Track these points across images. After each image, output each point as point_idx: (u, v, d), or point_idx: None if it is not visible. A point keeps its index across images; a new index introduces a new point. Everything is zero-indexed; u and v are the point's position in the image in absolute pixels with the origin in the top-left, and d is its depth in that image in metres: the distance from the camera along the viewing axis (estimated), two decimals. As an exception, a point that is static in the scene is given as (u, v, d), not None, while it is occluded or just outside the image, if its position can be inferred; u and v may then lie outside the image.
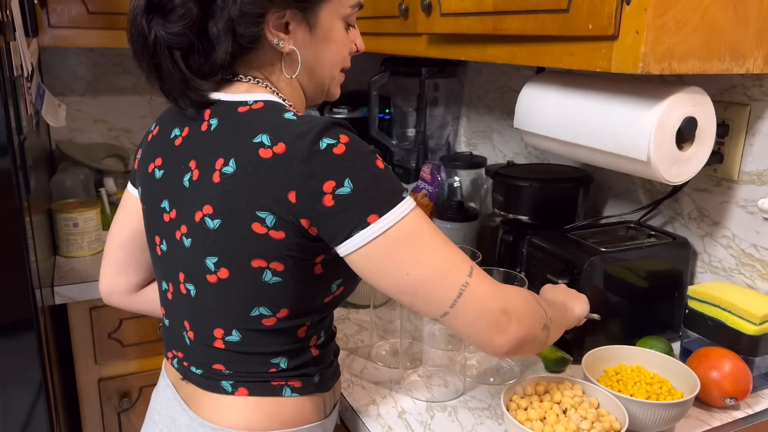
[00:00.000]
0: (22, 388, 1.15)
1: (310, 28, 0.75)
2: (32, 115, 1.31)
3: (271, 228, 0.68)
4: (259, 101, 0.73)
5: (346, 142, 0.67)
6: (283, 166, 0.66)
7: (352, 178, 0.65)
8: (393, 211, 0.66)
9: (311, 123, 0.68)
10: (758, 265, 1.05)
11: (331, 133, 0.67)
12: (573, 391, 0.87)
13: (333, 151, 0.65)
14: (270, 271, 0.70)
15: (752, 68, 0.85)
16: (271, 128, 0.68)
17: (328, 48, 0.78)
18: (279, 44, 0.74)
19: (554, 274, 1.04)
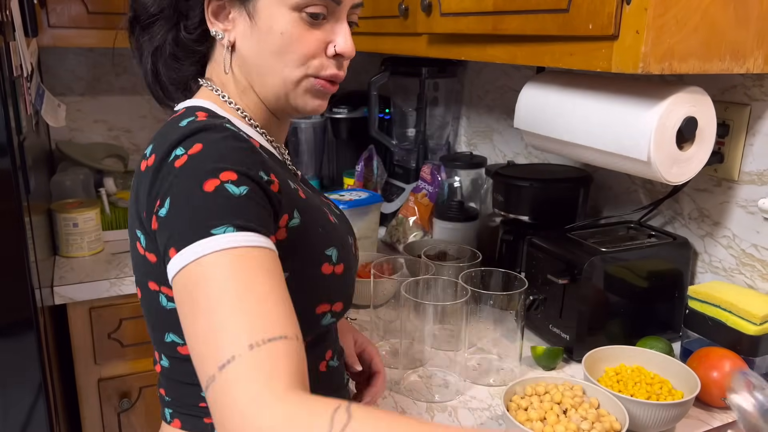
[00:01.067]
0: (22, 389, 1.15)
1: (249, 17, 0.67)
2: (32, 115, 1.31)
3: (145, 249, 0.64)
4: (185, 107, 0.69)
5: (194, 153, 0.58)
6: (147, 180, 0.61)
7: (171, 198, 0.57)
8: (188, 250, 0.53)
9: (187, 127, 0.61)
10: (758, 265, 1.05)
11: (190, 140, 0.59)
12: (573, 392, 0.87)
13: (174, 164, 0.58)
14: (164, 295, 0.64)
15: (752, 68, 0.85)
16: (158, 137, 0.64)
17: (270, 41, 0.67)
18: (217, 34, 0.68)
19: (554, 274, 1.04)
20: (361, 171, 1.79)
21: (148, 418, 1.50)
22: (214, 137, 0.60)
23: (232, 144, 0.60)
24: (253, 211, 0.57)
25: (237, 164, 0.58)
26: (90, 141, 1.84)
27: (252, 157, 0.60)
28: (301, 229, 0.66)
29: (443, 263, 1.26)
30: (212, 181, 0.56)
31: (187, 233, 0.54)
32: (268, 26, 0.66)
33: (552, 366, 1.04)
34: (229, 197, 0.56)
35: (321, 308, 0.70)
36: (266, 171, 0.61)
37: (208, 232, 0.53)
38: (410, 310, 0.98)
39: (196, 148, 0.58)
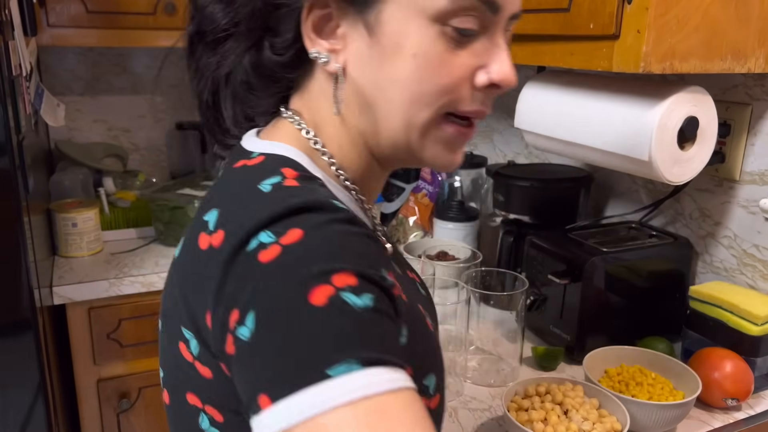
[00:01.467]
0: (21, 389, 1.15)
1: (368, 32, 0.47)
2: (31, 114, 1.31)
3: (196, 358, 0.46)
4: (264, 154, 0.49)
5: (290, 243, 0.39)
6: (210, 268, 0.43)
7: (259, 313, 0.38)
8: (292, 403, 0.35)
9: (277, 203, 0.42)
10: (760, 266, 1.05)
11: (283, 224, 0.40)
12: (574, 392, 0.86)
13: (258, 257, 0.39)
14: (206, 416, 0.47)
15: (754, 68, 0.85)
16: (228, 202, 0.46)
17: (397, 67, 0.47)
18: (319, 57, 0.48)
19: (555, 274, 1.04)
20: (361, 171, 1.79)
21: (147, 418, 1.50)
22: (322, 219, 0.41)
23: (344, 229, 0.41)
24: (383, 331, 0.39)
25: (355, 261, 0.39)
26: (89, 141, 1.84)
27: (372, 249, 0.42)
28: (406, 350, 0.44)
29: (443, 263, 1.25)
30: (323, 289, 0.37)
31: (288, 374, 0.35)
32: (396, 44, 0.46)
33: (552, 366, 1.03)
34: (350, 313, 0.37)
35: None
36: (386, 267, 0.43)
37: (322, 373, 0.35)
38: (410, 310, 0.98)
39: (293, 235, 0.40)
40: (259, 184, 0.45)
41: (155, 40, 1.53)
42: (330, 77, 0.50)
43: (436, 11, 0.45)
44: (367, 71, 0.48)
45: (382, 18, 0.46)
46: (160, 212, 1.54)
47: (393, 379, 0.36)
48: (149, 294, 1.40)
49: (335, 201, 0.44)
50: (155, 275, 1.39)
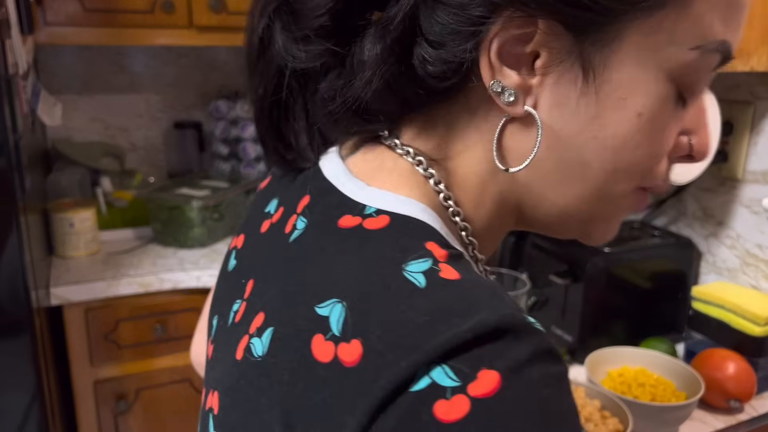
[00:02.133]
0: (17, 391, 1.14)
1: (584, 75, 0.34)
2: (28, 113, 1.30)
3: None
4: (387, 213, 0.35)
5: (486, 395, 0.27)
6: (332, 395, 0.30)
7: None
8: None
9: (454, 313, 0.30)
10: (762, 266, 1.04)
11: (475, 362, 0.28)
12: (576, 393, 0.86)
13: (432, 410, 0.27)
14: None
15: (757, 66, 0.84)
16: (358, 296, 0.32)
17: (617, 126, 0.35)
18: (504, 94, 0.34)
19: (557, 275, 1.03)
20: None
21: (145, 420, 1.49)
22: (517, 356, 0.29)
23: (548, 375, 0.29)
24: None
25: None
26: (86, 140, 1.83)
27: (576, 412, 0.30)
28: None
29: (444, 263, 1.25)
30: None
31: None
32: (619, 97, 0.34)
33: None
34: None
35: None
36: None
37: None
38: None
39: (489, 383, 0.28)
40: (403, 268, 0.32)
41: (153, 38, 1.52)
42: (497, 119, 0.36)
43: (676, 65, 0.34)
44: (569, 124, 0.35)
45: (612, 61, 0.33)
46: (157, 212, 1.54)
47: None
48: (147, 295, 1.39)
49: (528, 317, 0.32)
50: (153, 276, 1.38)
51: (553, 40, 0.33)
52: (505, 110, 0.35)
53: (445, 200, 0.38)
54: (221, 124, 1.80)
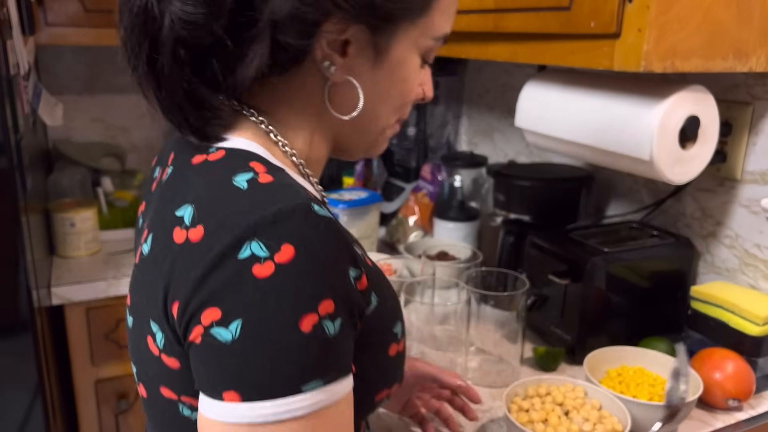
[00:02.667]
0: (19, 390, 1.14)
1: (375, 56, 0.55)
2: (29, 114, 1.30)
3: (162, 350, 0.50)
4: (223, 149, 0.52)
5: (284, 262, 0.43)
6: (186, 262, 0.46)
7: (248, 323, 0.43)
8: (262, 406, 0.43)
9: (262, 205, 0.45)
10: (761, 266, 1.05)
11: (273, 234, 0.44)
12: (575, 393, 0.86)
13: (252, 270, 0.43)
14: (185, 405, 0.52)
15: (755, 67, 0.84)
16: (201, 198, 0.48)
17: (393, 85, 0.57)
18: (330, 69, 0.53)
19: (556, 274, 1.04)
20: (361, 170, 1.78)
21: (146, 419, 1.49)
22: (307, 234, 0.45)
23: (329, 244, 0.46)
24: (345, 348, 0.47)
25: (335, 283, 0.46)
26: (87, 140, 1.83)
27: (346, 255, 0.48)
28: (375, 313, 0.54)
29: (443, 263, 1.25)
30: (310, 318, 0.43)
31: (268, 384, 0.43)
32: (394, 68, 0.56)
33: (553, 367, 1.03)
34: (326, 341, 0.44)
35: (381, 395, 0.59)
36: (356, 264, 0.49)
37: (297, 388, 0.43)
38: (410, 310, 0.97)
39: (287, 254, 0.43)
40: (232, 179, 0.48)
41: (154, 39, 1.52)
42: (321, 83, 0.55)
43: (424, 48, 0.58)
44: (366, 84, 0.56)
45: (392, 46, 0.55)
46: (158, 212, 1.54)
47: (341, 389, 0.46)
48: (148, 294, 1.39)
49: (314, 204, 0.47)
50: (154, 275, 1.39)
51: (359, 35, 0.53)
52: (331, 78, 0.54)
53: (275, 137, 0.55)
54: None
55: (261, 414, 0.43)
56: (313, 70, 0.54)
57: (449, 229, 1.45)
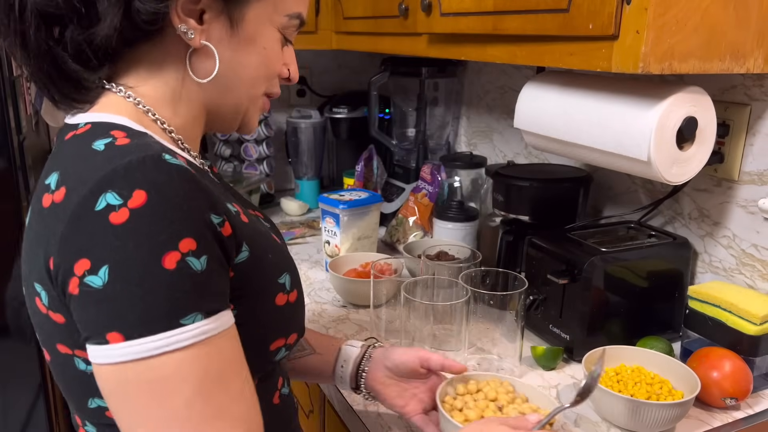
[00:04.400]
0: (22, 389, 1.15)
1: (231, 24, 0.59)
2: (32, 115, 1.31)
3: (48, 308, 0.54)
4: (90, 123, 0.56)
5: (137, 207, 0.47)
6: (53, 221, 0.50)
7: (114, 267, 0.46)
8: (145, 341, 0.46)
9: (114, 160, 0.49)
10: (759, 265, 1.05)
11: (125, 184, 0.47)
12: (504, 387, 0.84)
13: (109, 218, 0.47)
14: (80, 359, 0.55)
15: (753, 68, 0.85)
16: (65, 164, 0.53)
17: (252, 54, 0.62)
18: (187, 33, 0.57)
19: (554, 274, 1.04)
20: (361, 171, 1.79)
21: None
22: (158, 179, 0.48)
23: (182, 188, 0.49)
24: (216, 282, 0.51)
25: (193, 224, 0.49)
26: (90, 141, 1.84)
27: (203, 201, 0.51)
28: (251, 262, 0.58)
29: (443, 263, 1.26)
30: (172, 255, 0.47)
31: (146, 320, 0.46)
32: (251, 38, 0.61)
33: (552, 366, 1.04)
34: (194, 275, 0.48)
35: (276, 344, 0.63)
36: (217, 211, 0.52)
37: (177, 322, 0.47)
38: (410, 310, 0.98)
39: (139, 199, 0.47)
40: (92, 144, 0.52)
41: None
42: (183, 52, 0.59)
43: (280, 24, 0.63)
44: (226, 52, 0.60)
45: (246, 17, 0.60)
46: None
47: (223, 322, 0.51)
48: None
49: (166, 154, 0.51)
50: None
51: (212, 4, 0.58)
52: (189, 44, 0.58)
53: (143, 107, 0.58)
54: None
55: (144, 349, 0.46)
56: (174, 38, 0.58)
57: (449, 229, 1.46)
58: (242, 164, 1.92)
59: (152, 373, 0.47)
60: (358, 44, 1.54)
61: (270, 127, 1.92)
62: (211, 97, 0.63)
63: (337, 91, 2.07)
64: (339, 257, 1.38)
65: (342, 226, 1.39)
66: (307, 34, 1.63)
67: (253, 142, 1.90)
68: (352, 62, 2.10)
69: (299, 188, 1.99)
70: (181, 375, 0.48)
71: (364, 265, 1.34)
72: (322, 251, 1.52)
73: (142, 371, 0.47)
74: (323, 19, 1.64)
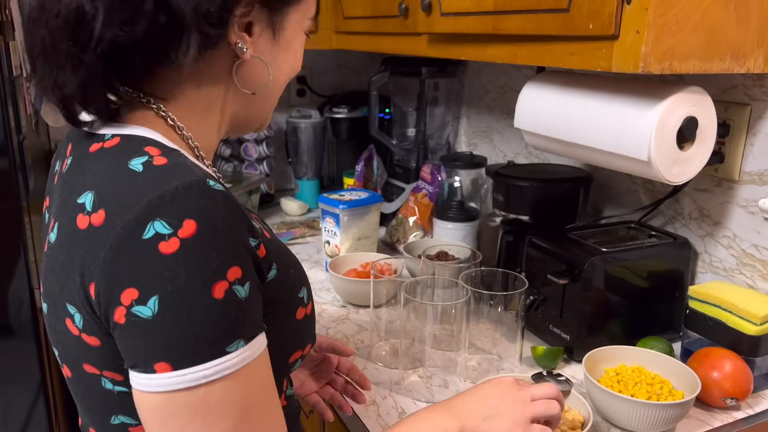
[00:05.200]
0: (22, 389, 1.15)
1: (273, 33, 0.61)
2: (31, 115, 1.31)
3: (82, 330, 0.53)
4: (118, 136, 0.55)
5: (188, 237, 0.46)
6: (92, 245, 0.49)
7: (164, 298, 0.46)
8: (193, 371, 0.47)
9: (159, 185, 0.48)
10: (759, 265, 1.05)
11: (174, 211, 0.47)
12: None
13: (158, 248, 0.46)
14: (107, 380, 0.55)
15: (753, 68, 0.85)
16: (101, 184, 0.51)
17: (287, 59, 0.64)
18: (242, 48, 0.57)
19: (555, 274, 1.04)
20: (361, 171, 1.79)
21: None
22: (206, 207, 0.48)
23: (228, 215, 0.49)
24: (256, 307, 0.52)
25: (238, 251, 0.50)
26: (89, 141, 1.84)
27: (244, 226, 0.51)
28: (278, 280, 0.58)
29: (443, 263, 1.26)
30: (221, 285, 0.47)
31: (195, 350, 0.47)
32: (289, 44, 0.63)
33: (552, 366, 1.04)
34: (239, 303, 0.49)
35: (294, 356, 0.65)
36: (254, 234, 0.53)
37: (222, 350, 0.48)
38: (410, 310, 0.98)
39: (189, 228, 0.46)
40: (128, 164, 0.51)
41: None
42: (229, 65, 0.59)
43: (306, 27, 0.65)
44: (271, 60, 0.62)
45: (285, 24, 0.62)
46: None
47: (260, 345, 0.51)
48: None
49: (210, 179, 0.50)
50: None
51: (260, 16, 0.59)
52: (242, 57, 0.58)
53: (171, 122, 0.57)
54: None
55: (193, 378, 0.47)
56: (222, 52, 0.58)
57: (449, 229, 1.46)
58: (242, 164, 1.92)
59: (198, 401, 0.48)
60: (358, 44, 1.54)
61: (270, 127, 1.92)
62: (248, 105, 0.63)
63: (337, 91, 2.07)
64: (339, 257, 1.38)
65: (342, 226, 1.39)
66: (307, 34, 1.63)
67: (253, 142, 1.90)
68: (352, 62, 2.10)
69: (299, 188, 1.99)
70: (225, 402, 0.48)
71: (364, 265, 1.34)
72: (322, 251, 1.52)
73: (188, 399, 0.48)
74: (323, 19, 1.64)
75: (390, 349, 1.10)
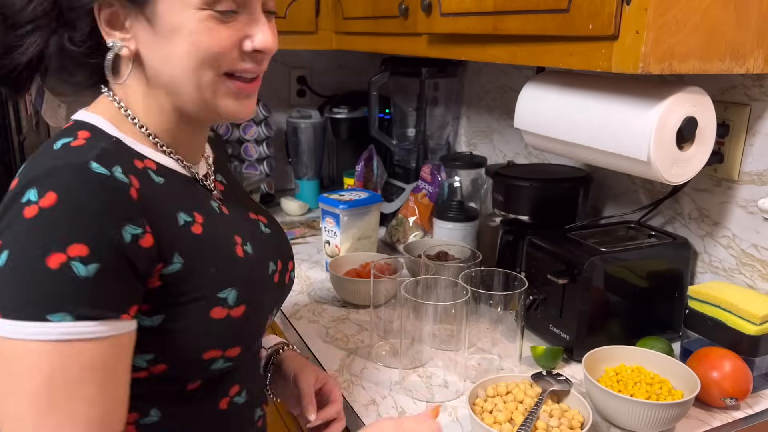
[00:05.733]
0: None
1: (149, 23, 0.61)
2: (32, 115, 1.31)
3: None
4: (75, 120, 0.64)
5: (46, 206, 0.53)
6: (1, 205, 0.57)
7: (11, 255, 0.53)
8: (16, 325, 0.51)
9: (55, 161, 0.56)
10: (758, 265, 1.05)
11: (45, 182, 0.54)
12: (534, 390, 0.87)
13: (23, 211, 0.53)
14: None
15: (752, 68, 0.85)
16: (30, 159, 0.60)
17: (179, 44, 0.61)
18: (115, 46, 0.62)
19: (554, 274, 1.04)
20: (361, 171, 1.79)
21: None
22: (74, 185, 0.53)
23: (94, 196, 0.54)
24: (103, 291, 0.54)
25: (91, 232, 0.53)
26: (90, 141, 1.84)
27: (116, 212, 0.55)
28: (184, 273, 0.61)
29: (443, 263, 1.26)
30: (58, 257, 0.52)
31: (19, 305, 0.52)
32: (172, 29, 0.60)
33: (552, 366, 1.04)
34: (74, 279, 0.52)
35: (210, 354, 0.64)
36: (137, 222, 0.56)
37: (43, 316, 0.51)
38: (410, 310, 0.98)
39: (50, 199, 0.53)
40: (54, 143, 0.59)
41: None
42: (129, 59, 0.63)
43: (199, 2, 0.60)
44: (156, 52, 0.62)
45: (159, 11, 0.60)
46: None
47: (96, 330, 0.53)
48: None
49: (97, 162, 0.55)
50: (155, 275, 1.39)
51: (126, 11, 0.61)
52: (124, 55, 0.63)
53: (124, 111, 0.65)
54: (223, 126, 1.81)
55: (12, 330, 0.51)
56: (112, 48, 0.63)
57: (449, 229, 1.46)
58: (242, 164, 1.92)
59: (11, 353, 0.52)
60: (358, 44, 1.54)
61: (270, 127, 1.92)
62: (167, 96, 0.65)
63: (337, 91, 2.07)
64: (339, 257, 1.38)
65: (342, 226, 1.39)
66: (307, 34, 1.63)
67: (253, 142, 1.90)
68: (352, 62, 2.10)
69: (299, 188, 1.99)
70: (34, 365, 0.52)
71: (364, 265, 1.34)
72: (322, 251, 1.52)
73: (3, 346, 0.52)
74: (323, 19, 1.64)
75: (390, 349, 1.10)
